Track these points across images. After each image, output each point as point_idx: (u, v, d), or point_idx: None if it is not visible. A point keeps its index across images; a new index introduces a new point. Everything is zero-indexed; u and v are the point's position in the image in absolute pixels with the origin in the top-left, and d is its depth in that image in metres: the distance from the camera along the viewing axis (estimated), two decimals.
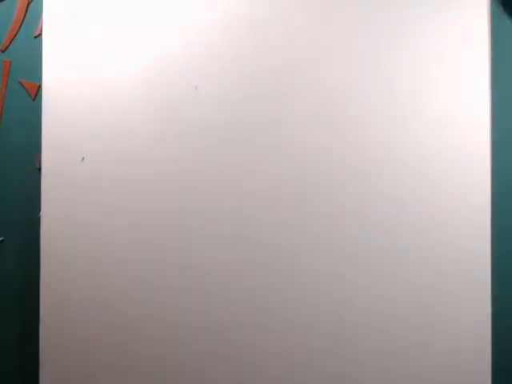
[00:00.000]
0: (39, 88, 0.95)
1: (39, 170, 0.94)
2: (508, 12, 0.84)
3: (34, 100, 0.96)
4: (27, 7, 0.95)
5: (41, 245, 0.91)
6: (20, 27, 0.95)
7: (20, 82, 0.96)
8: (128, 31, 0.90)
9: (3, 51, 0.96)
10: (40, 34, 0.94)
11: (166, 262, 0.89)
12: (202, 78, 0.88)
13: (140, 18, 0.90)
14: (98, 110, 0.91)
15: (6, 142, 0.96)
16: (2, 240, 0.96)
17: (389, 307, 0.83)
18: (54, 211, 0.91)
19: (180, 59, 0.89)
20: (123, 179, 0.90)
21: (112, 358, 0.90)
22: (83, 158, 0.90)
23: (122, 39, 0.90)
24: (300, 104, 0.86)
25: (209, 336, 0.88)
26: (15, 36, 0.96)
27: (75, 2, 0.91)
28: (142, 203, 0.89)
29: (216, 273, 0.87)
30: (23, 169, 0.97)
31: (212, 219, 0.88)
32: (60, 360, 0.91)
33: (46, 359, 0.91)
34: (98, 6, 0.91)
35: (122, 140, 0.90)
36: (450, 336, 0.82)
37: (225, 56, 0.88)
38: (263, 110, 0.87)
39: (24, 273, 0.97)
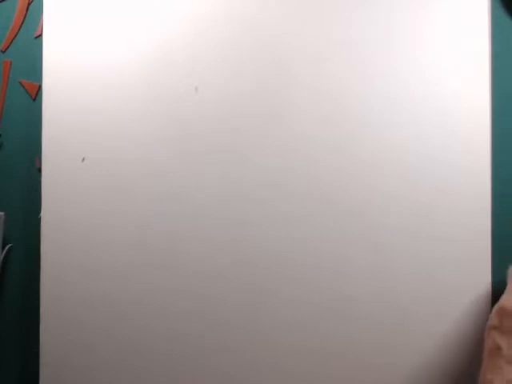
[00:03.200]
0: (39, 88, 0.95)
1: (39, 170, 0.94)
2: (508, 12, 0.84)
3: (34, 100, 0.96)
4: (27, 7, 0.95)
5: (41, 245, 0.91)
6: (20, 27, 0.95)
7: (20, 83, 0.96)
8: (129, 32, 0.90)
9: (3, 51, 0.96)
10: (40, 35, 0.94)
11: (167, 263, 0.88)
12: (202, 79, 0.88)
13: (140, 19, 0.90)
14: (98, 111, 0.90)
15: (5, 142, 0.96)
16: (11, 246, 0.96)
17: (389, 308, 0.83)
18: (54, 212, 0.91)
19: (180, 59, 0.89)
20: (123, 180, 0.90)
21: (113, 358, 0.90)
22: (83, 159, 0.90)
23: (123, 40, 0.90)
24: (301, 104, 0.86)
25: (210, 336, 0.87)
26: (15, 36, 0.96)
27: (76, 2, 0.91)
28: (142, 204, 0.89)
29: (216, 274, 0.87)
30: (23, 169, 0.96)
31: (213, 220, 0.88)
32: (60, 360, 0.91)
33: (47, 359, 0.91)
34: (99, 6, 0.90)
35: (123, 141, 0.90)
36: (451, 333, 0.82)
37: (225, 55, 0.88)
38: (261, 107, 0.87)
39: (24, 273, 0.97)
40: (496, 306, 0.70)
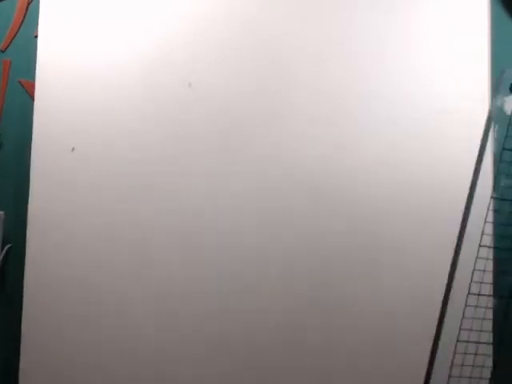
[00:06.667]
0: None
1: None
2: (508, 12, 0.84)
3: (33, 100, 0.95)
4: (27, 7, 0.95)
5: (27, 241, 0.90)
6: (20, 27, 0.95)
7: (19, 82, 0.96)
8: (129, 32, 0.90)
9: (3, 51, 0.96)
10: None
11: (166, 262, 0.88)
12: (202, 79, 0.88)
13: (140, 19, 0.90)
14: (98, 111, 0.90)
15: (5, 141, 0.96)
16: (11, 246, 0.96)
17: (389, 308, 0.83)
18: (46, 209, 0.90)
19: (180, 59, 0.89)
20: (123, 179, 0.90)
21: (108, 359, 0.90)
22: (73, 149, 0.89)
23: (123, 40, 0.90)
24: (301, 104, 0.86)
25: (209, 332, 0.88)
26: (15, 36, 0.95)
27: (74, 2, 0.91)
28: (142, 203, 0.89)
29: (217, 273, 0.87)
30: (23, 169, 0.96)
31: (213, 220, 0.88)
32: (45, 360, 0.90)
33: (29, 358, 0.90)
34: (99, 6, 0.90)
35: (122, 140, 0.90)
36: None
37: (225, 55, 0.88)
38: (261, 107, 0.87)
39: (20, 273, 0.96)
40: None
